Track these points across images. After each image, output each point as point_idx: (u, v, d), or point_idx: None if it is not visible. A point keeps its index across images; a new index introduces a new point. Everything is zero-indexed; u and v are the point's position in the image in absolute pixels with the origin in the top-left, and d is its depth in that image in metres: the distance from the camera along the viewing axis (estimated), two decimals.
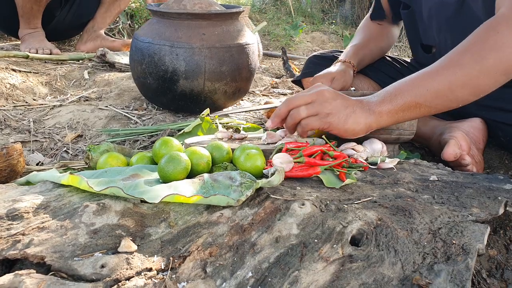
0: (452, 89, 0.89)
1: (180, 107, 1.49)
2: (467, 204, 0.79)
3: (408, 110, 0.91)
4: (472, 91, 0.91)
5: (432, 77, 0.90)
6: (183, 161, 0.79)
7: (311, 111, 0.90)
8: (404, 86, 0.92)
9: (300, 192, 0.78)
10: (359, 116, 0.90)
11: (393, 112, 0.91)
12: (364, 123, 0.91)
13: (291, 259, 0.63)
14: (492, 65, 0.87)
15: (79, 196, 0.73)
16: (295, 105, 0.91)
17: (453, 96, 0.91)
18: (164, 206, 0.71)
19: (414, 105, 0.91)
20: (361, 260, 0.64)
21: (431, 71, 0.92)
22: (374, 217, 0.71)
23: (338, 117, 0.90)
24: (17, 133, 1.32)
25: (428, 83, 0.90)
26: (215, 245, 0.64)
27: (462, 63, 0.89)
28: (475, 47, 0.89)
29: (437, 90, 0.90)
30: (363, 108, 0.91)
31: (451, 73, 0.89)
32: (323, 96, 0.90)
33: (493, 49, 0.87)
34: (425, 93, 0.90)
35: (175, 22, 1.39)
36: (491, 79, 0.89)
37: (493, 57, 0.87)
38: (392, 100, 0.91)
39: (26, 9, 2.21)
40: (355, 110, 0.90)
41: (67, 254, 0.60)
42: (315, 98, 0.90)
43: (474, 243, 0.69)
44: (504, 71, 0.88)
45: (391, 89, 0.93)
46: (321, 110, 0.90)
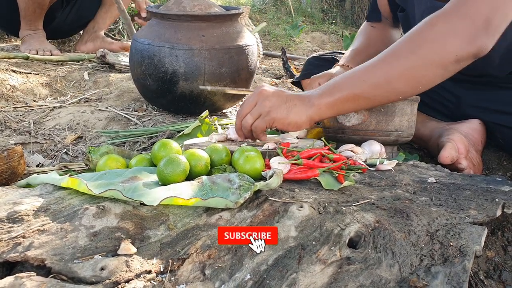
0: (388, 80, 0.92)
1: (180, 109, 1.49)
2: (464, 206, 0.80)
3: (346, 102, 0.94)
4: (409, 82, 0.93)
5: (370, 69, 0.93)
6: (181, 164, 0.80)
7: (255, 115, 0.94)
8: (343, 79, 0.95)
9: (298, 195, 0.78)
10: (299, 109, 0.93)
11: (331, 104, 0.94)
12: (305, 115, 0.94)
13: (289, 261, 0.63)
14: (426, 56, 0.89)
15: (79, 198, 0.73)
16: (244, 114, 0.95)
17: (390, 88, 0.93)
18: (163, 209, 0.72)
19: (352, 97, 0.93)
20: (359, 262, 0.64)
21: (369, 64, 0.94)
22: (372, 219, 0.71)
23: (279, 111, 0.93)
24: (17, 135, 1.33)
25: (365, 74, 0.93)
26: (213, 247, 0.64)
27: (397, 54, 0.92)
28: (411, 39, 0.92)
29: (374, 81, 0.92)
30: (303, 101, 0.94)
31: (387, 64, 0.92)
32: (262, 95, 0.94)
33: (427, 41, 0.89)
34: (362, 85, 0.93)
35: (175, 24, 1.39)
36: (428, 71, 0.91)
37: (427, 48, 0.89)
38: (331, 92, 0.94)
39: (28, 12, 2.22)
40: (295, 104, 0.94)
41: (67, 256, 0.60)
42: (256, 99, 0.94)
43: (472, 245, 0.69)
44: (440, 63, 0.90)
45: (332, 82, 0.96)
46: (262, 110, 0.93)
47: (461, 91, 1.23)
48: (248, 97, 0.99)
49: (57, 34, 2.61)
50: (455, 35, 0.88)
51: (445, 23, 0.89)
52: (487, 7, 0.87)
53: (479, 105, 1.21)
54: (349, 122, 1.06)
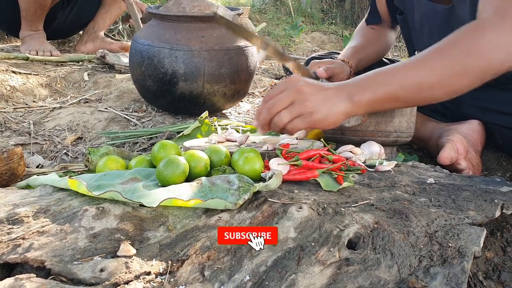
0: (432, 86, 0.90)
1: (180, 109, 1.50)
2: (463, 207, 0.80)
3: (387, 102, 0.92)
4: (448, 90, 0.91)
5: (415, 71, 0.91)
6: (181, 165, 0.80)
7: (293, 113, 0.89)
8: (385, 77, 0.92)
9: (298, 196, 0.78)
10: (339, 107, 0.90)
11: (372, 103, 0.91)
12: (344, 113, 0.91)
13: (288, 262, 0.63)
14: (473, 68, 0.88)
15: (78, 200, 0.74)
16: (276, 111, 0.89)
17: (430, 93, 0.91)
18: (163, 210, 0.72)
19: (393, 98, 0.91)
20: (358, 263, 0.64)
21: (414, 65, 0.92)
22: (371, 221, 0.72)
23: (321, 112, 0.89)
24: (17, 136, 1.33)
25: (410, 77, 0.90)
26: (213, 248, 0.65)
27: (444, 60, 0.89)
28: (461, 46, 0.89)
29: (418, 85, 0.90)
30: (342, 97, 0.90)
31: (434, 70, 0.89)
32: (302, 94, 0.89)
33: (477, 52, 0.87)
34: (405, 87, 0.90)
35: (174, 25, 1.39)
36: (469, 81, 0.90)
37: (476, 60, 0.87)
38: (374, 90, 0.90)
39: (29, 12, 2.22)
40: (334, 102, 0.90)
41: (66, 258, 0.60)
42: (295, 97, 0.89)
43: (470, 246, 0.69)
44: (482, 75, 0.89)
45: (372, 78, 0.92)
46: (303, 110, 0.88)
47: None
48: (279, 90, 0.91)
49: (57, 35, 2.62)
50: (499, 49, 0.87)
51: (492, 35, 0.87)
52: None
53: (478, 105, 1.21)
54: (349, 123, 1.06)
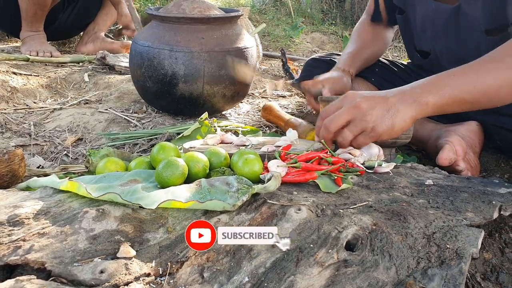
0: (499, 90, 0.89)
1: (180, 110, 1.50)
2: (461, 209, 0.80)
3: (453, 104, 0.90)
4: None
5: (482, 75, 0.89)
6: (180, 167, 0.80)
7: (355, 131, 0.89)
8: (451, 79, 0.90)
9: (296, 197, 0.79)
10: (403, 113, 0.88)
11: (438, 104, 0.89)
12: (410, 117, 0.89)
13: (287, 264, 0.64)
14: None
15: (79, 201, 0.74)
16: (335, 128, 0.89)
17: (497, 97, 0.91)
18: (163, 212, 0.72)
19: (459, 100, 0.89)
20: (356, 265, 0.65)
21: (481, 69, 0.90)
22: (370, 222, 0.72)
23: (385, 124, 0.87)
24: (18, 137, 1.33)
25: (477, 80, 0.89)
26: (212, 250, 0.65)
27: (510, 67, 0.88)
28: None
29: (485, 89, 0.89)
30: (406, 102, 0.88)
31: (502, 74, 0.89)
32: (360, 109, 0.88)
33: None
34: (472, 90, 0.89)
35: (174, 26, 1.40)
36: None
37: None
38: (439, 92, 0.88)
39: (30, 13, 2.23)
40: (398, 109, 0.88)
41: (67, 259, 0.61)
42: (354, 114, 0.88)
43: (468, 247, 0.69)
44: None
45: (437, 81, 0.91)
46: (365, 126, 0.88)
47: None
48: (336, 107, 0.91)
49: (58, 36, 2.62)
50: None
51: None
52: None
53: None
54: None
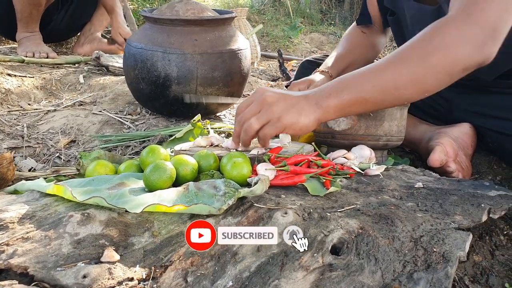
0: (397, 87, 0.91)
1: (173, 112, 1.50)
2: (450, 212, 0.80)
3: (354, 105, 0.92)
4: (417, 89, 0.92)
5: (379, 73, 0.92)
6: (168, 170, 0.80)
7: (262, 120, 0.90)
8: (350, 81, 0.93)
9: (284, 201, 0.78)
10: (307, 111, 0.91)
11: (340, 107, 0.92)
12: (314, 118, 0.91)
13: (271, 268, 0.64)
14: (437, 64, 0.88)
15: (65, 205, 0.74)
16: (245, 119, 0.92)
17: (398, 93, 0.92)
18: (148, 216, 0.72)
19: (360, 101, 0.92)
20: (341, 269, 0.64)
21: (377, 68, 0.93)
22: (356, 226, 0.72)
23: (290, 116, 0.90)
24: (10, 139, 1.33)
25: (374, 79, 0.91)
26: (197, 254, 0.65)
27: (407, 61, 0.90)
28: (421, 45, 0.90)
29: (383, 87, 0.91)
30: (309, 103, 0.91)
31: (397, 70, 0.90)
32: (267, 101, 0.90)
33: (438, 48, 0.88)
34: (371, 90, 0.91)
35: (168, 28, 1.40)
36: (436, 78, 0.90)
37: (438, 56, 0.88)
38: (339, 94, 0.91)
39: (25, 14, 2.23)
40: (303, 106, 0.91)
41: (50, 264, 0.61)
42: (261, 105, 0.91)
43: (455, 250, 0.69)
44: (449, 71, 0.89)
45: (338, 83, 0.94)
46: (271, 116, 0.90)
47: (452, 95, 1.24)
48: (246, 102, 0.95)
49: (54, 37, 2.62)
50: (464, 44, 0.87)
51: (455, 31, 0.87)
52: (494, 14, 0.86)
53: (469, 109, 1.21)
54: (339, 127, 1.06)
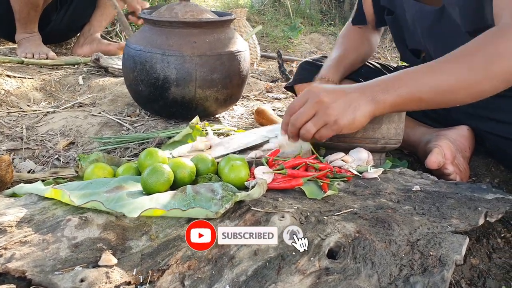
0: (454, 90, 0.91)
1: (172, 114, 1.50)
2: (447, 215, 0.80)
3: (410, 103, 0.92)
4: (472, 94, 0.92)
5: (438, 75, 0.91)
6: (165, 173, 0.80)
7: (318, 124, 0.91)
8: (409, 78, 0.92)
9: (281, 204, 0.79)
10: (363, 109, 0.91)
11: (395, 103, 0.92)
12: (369, 113, 0.92)
13: (268, 272, 0.64)
14: (498, 72, 0.88)
15: (63, 209, 0.74)
16: (301, 123, 0.92)
17: (453, 96, 0.92)
18: (146, 219, 0.73)
19: (416, 99, 0.92)
20: (338, 273, 0.65)
21: (437, 68, 0.92)
22: (353, 229, 0.72)
23: (346, 118, 0.90)
24: (9, 141, 1.33)
25: (432, 80, 0.91)
26: (194, 258, 0.65)
27: (468, 66, 0.89)
28: (485, 51, 0.89)
29: (441, 88, 0.90)
30: (365, 98, 0.91)
31: (457, 74, 0.90)
32: (323, 103, 0.90)
33: (502, 56, 0.87)
34: (428, 90, 0.91)
35: (166, 30, 1.40)
36: (493, 85, 0.90)
37: (502, 64, 0.87)
38: (397, 91, 0.91)
39: (23, 14, 2.22)
40: (359, 104, 0.91)
41: (47, 268, 0.61)
42: (317, 108, 0.91)
43: (452, 254, 0.69)
44: (506, 79, 0.89)
45: (395, 79, 0.93)
46: (328, 119, 0.90)
47: None
48: (300, 100, 0.94)
49: (54, 38, 2.62)
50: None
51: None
52: None
53: (468, 111, 1.21)
54: None
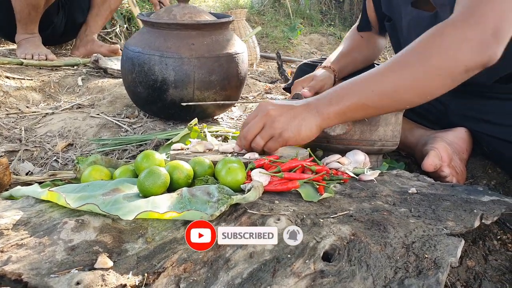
0: (397, 91, 0.91)
1: (170, 115, 1.51)
2: (443, 218, 0.81)
3: (355, 111, 0.93)
4: (418, 92, 0.92)
5: (378, 78, 0.92)
6: (162, 176, 0.81)
7: (265, 137, 0.93)
8: (351, 87, 0.94)
9: (277, 207, 0.79)
10: (309, 122, 0.93)
11: (340, 113, 0.93)
12: (315, 126, 0.93)
13: (263, 274, 0.64)
14: (436, 66, 0.88)
15: (60, 211, 0.74)
16: (251, 136, 0.94)
17: (398, 98, 0.93)
18: (142, 222, 0.73)
19: (361, 106, 0.92)
20: (332, 276, 0.65)
21: (377, 72, 0.93)
22: (348, 232, 0.72)
23: (291, 131, 0.92)
24: (8, 142, 1.34)
25: (373, 84, 0.92)
26: (190, 261, 0.66)
27: (407, 64, 0.90)
28: (421, 48, 0.90)
29: (382, 91, 0.91)
30: (311, 112, 0.93)
31: (397, 74, 0.91)
32: (270, 116, 0.93)
33: (436, 50, 0.87)
34: (371, 95, 0.91)
35: (165, 32, 1.40)
36: (437, 81, 0.90)
37: (438, 58, 0.87)
38: (339, 101, 0.92)
39: (23, 15, 2.23)
40: (304, 117, 0.93)
41: (43, 271, 0.61)
42: (265, 120, 0.93)
43: (447, 256, 0.70)
44: (450, 73, 0.89)
45: (339, 90, 0.95)
46: (273, 132, 0.93)
47: (449, 99, 1.24)
48: (251, 116, 0.97)
49: (54, 40, 2.62)
50: (465, 45, 0.86)
51: (455, 32, 0.87)
52: (495, 15, 0.86)
53: (465, 113, 1.22)
54: (334, 132, 1.07)
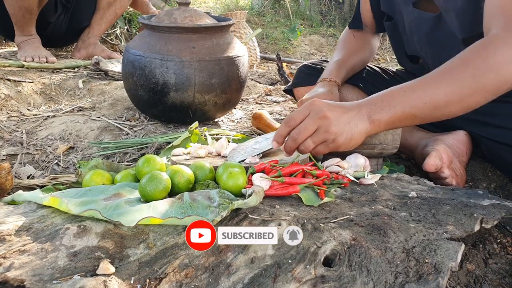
0: (447, 104, 0.92)
1: (171, 118, 1.51)
2: (443, 222, 0.81)
3: (403, 120, 0.94)
4: (464, 106, 0.93)
5: (431, 91, 0.92)
6: (163, 181, 0.81)
7: (318, 141, 0.91)
8: (402, 96, 0.93)
9: (278, 211, 0.79)
10: (360, 128, 0.92)
11: (390, 122, 0.93)
12: (365, 133, 0.93)
13: (264, 280, 0.65)
14: (488, 84, 0.89)
15: (61, 217, 0.75)
16: (302, 139, 0.91)
17: (446, 110, 0.93)
18: (144, 227, 0.73)
19: (410, 116, 0.93)
20: (333, 281, 0.65)
21: (430, 84, 0.93)
22: (349, 237, 0.73)
23: (344, 137, 0.91)
24: (9, 145, 1.34)
25: (426, 96, 0.92)
26: (191, 266, 0.66)
27: (460, 80, 0.90)
28: (475, 65, 0.90)
29: (435, 105, 0.92)
30: (362, 118, 0.93)
31: (449, 89, 0.90)
32: (326, 119, 0.90)
33: (492, 68, 0.88)
34: (422, 106, 0.92)
35: (166, 35, 1.41)
36: (483, 97, 0.91)
37: (490, 76, 0.88)
38: (391, 110, 0.92)
39: (18, 17, 2.21)
40: (357, 123, 0.92)
41: (46, 277, 0.62)
42: (320, 123, 0.91)
43: (447, 261, 0.70)
44: (496, 90, 0.90)
45: (390, 99, 0.94)
46: (328, 137, 0.91)
47: None
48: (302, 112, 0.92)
49: (54, 42, 2.62)
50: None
51: (507, 51, 0.88)
52: None
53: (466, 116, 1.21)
54: None
